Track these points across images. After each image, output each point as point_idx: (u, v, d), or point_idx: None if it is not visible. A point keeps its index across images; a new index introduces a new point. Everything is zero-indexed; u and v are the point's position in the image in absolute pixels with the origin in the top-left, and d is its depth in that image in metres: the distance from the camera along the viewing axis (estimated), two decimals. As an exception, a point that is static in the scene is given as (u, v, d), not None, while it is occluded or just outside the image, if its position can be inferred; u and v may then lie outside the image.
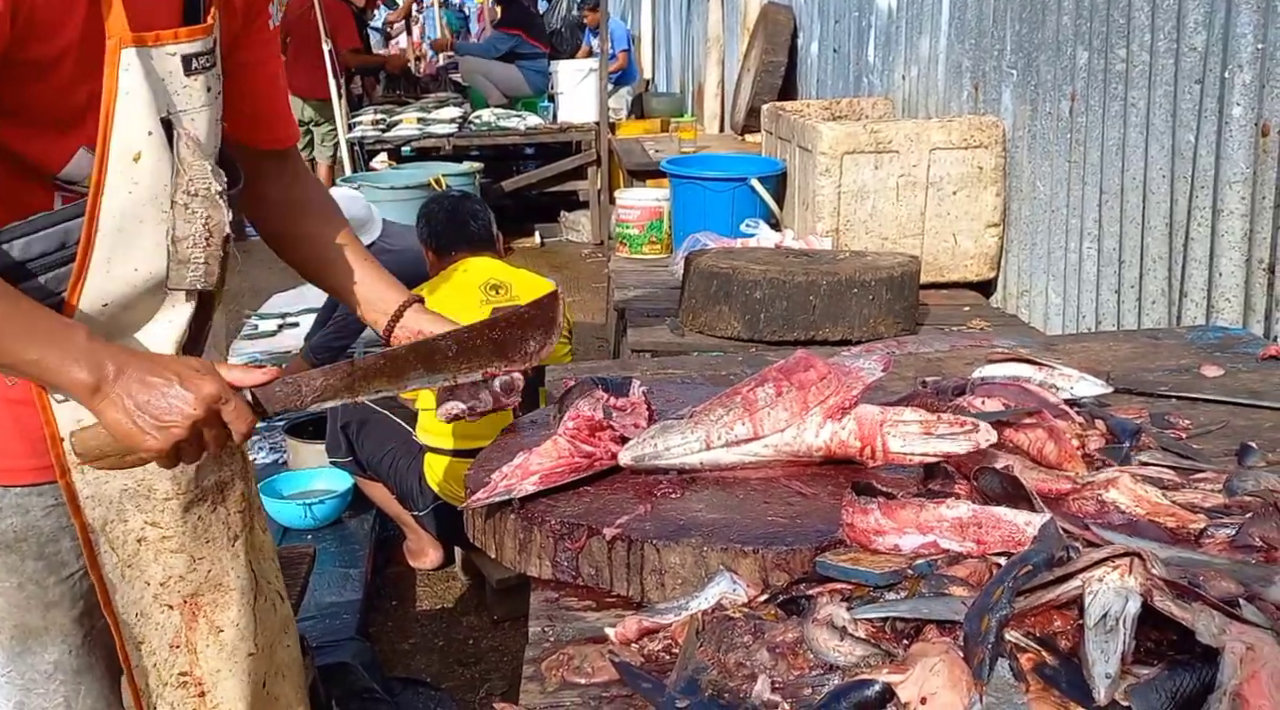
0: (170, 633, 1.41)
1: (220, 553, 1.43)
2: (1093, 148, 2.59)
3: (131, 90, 1.20)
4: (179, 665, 1.42)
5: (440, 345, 1.25)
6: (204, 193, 1.27)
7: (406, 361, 1.24)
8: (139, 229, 1.24)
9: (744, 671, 0.91)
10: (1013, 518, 1.01)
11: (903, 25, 3.93)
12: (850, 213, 3.10)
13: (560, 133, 7.77)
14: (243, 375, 1.21)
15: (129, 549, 1.36)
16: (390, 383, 1.24)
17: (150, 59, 1.21)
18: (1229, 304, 2.12)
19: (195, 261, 1.28)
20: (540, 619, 1.08)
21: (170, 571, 1.39)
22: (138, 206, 1.24)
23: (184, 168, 1.25)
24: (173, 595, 1.40)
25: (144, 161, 1.22)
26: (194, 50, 1.26)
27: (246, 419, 1.19)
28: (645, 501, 1.16)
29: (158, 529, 1.37)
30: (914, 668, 0.83)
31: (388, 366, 1.23)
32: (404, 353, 1.25)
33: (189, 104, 1.27)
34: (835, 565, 1.01)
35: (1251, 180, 2.06)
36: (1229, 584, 0.92)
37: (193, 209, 1.26)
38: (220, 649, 1.44)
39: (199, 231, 1.28)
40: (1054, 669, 0.85)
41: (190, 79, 1.26)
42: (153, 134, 1.23)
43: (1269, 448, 1.38)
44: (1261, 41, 2.00)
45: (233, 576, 1.44)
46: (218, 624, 1.44)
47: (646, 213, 3.91)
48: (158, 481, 1.35)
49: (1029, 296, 2.99)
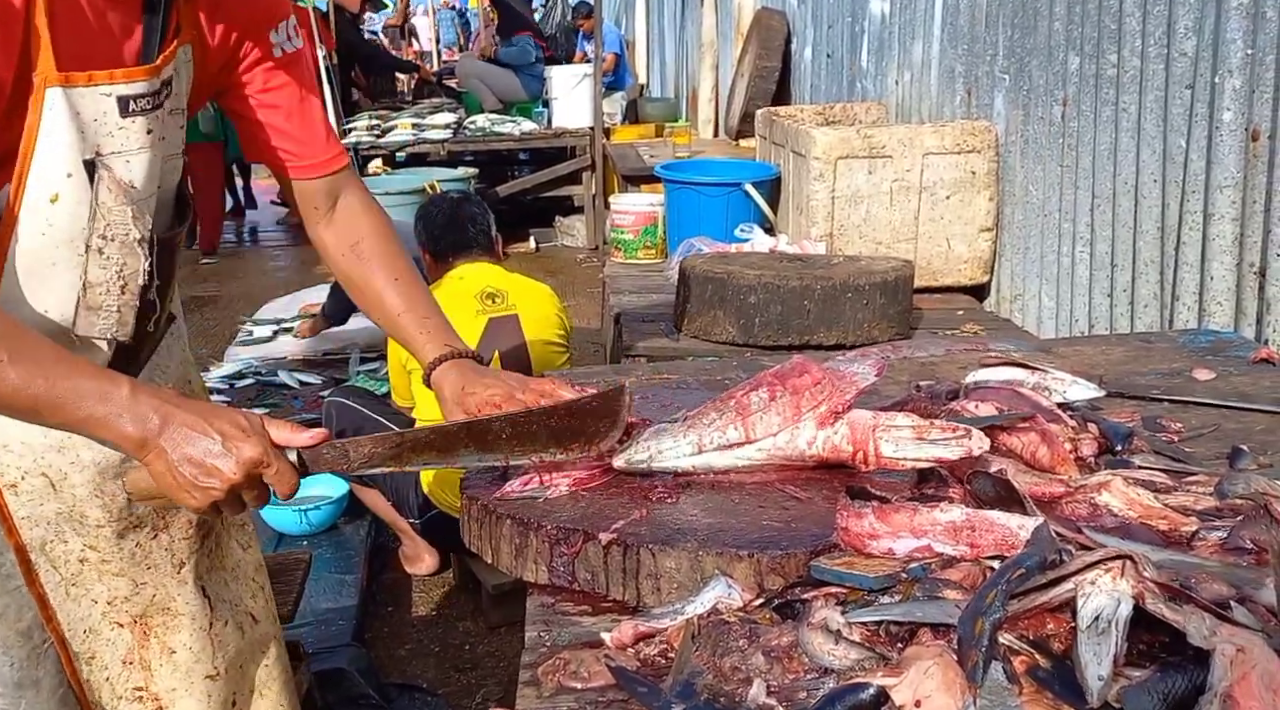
0: (122, 649, 1.40)
1: (164, 579, 1.41)
2: (1085, 152, 2.60)
3: (54, 130, 1.17)
4: (133, 680, 1.41)
5: (494, 427, 1.21)
6: (121, 239, 1.23)
7: (458, 439, 1.20)
8: (51, 272, 1.21)
9: (739, 675, 0.92)
10: (1006, 521, 1.02)
11: (895, 30, 3.94)
12: (844, 217, 3.11)
13: (555, 138, 7.78)
14: (291, 436, 1.17)
15: (72, 568, 1.35)
16: (440, 457, 1.21)
17: (79, 99, 1.18)
18: (1220, 307, 2.14)
19: (107, 309, 1.24)
20: (536, 624, 1.08)
21: (115, 592, 1.38)
22: (51, 249, 1.21)
23: (102, 212, 1.21)
24: (121, 614, 1.39)
25: (61, 203, 1.19)
26: (134, 92, 1.22)
27: (289, 482, 1.15)
28: (641, 506, 1.17)
29: (96, 552, 1.36)
30: (908, 671, 0.83)
31: (438, 442, 1.20)
32: (457, 430, 1.22)
33: (124, 146, 1.23)
34: (830, 569, 1.01)
35: (1242, 185, 2.07)
36: (1220, 586, 0.93)
37: (108, 255, 1.23)
38: (174, 669, 1.43)
39: (112, 278, 1.24)
40: (1047, 671, 0.86)
41: (126, 120, 1.22)
42: (73, 176, 1.19)
43: (1260, 450, 1.39)
44: (1251, 47, 2.02)
45: (180, 602, 1.42)
46: (169, 645, 1.42)
47: (641, 218, 3.92)
48: (88, 508, 1.34)
49: (1022, 300, 3.00)
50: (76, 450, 1.32)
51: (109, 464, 1.33)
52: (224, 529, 1.53)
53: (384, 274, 1.49)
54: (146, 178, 1.26)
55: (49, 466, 1.32)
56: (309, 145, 1.47)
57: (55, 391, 1.09)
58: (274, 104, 1.43)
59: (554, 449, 1.21)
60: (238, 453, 1.11)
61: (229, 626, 1.49)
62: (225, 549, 1.54)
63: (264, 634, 1.56)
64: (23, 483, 1.31)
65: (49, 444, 1.30)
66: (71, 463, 1.32)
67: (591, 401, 1.22)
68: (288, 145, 1.46)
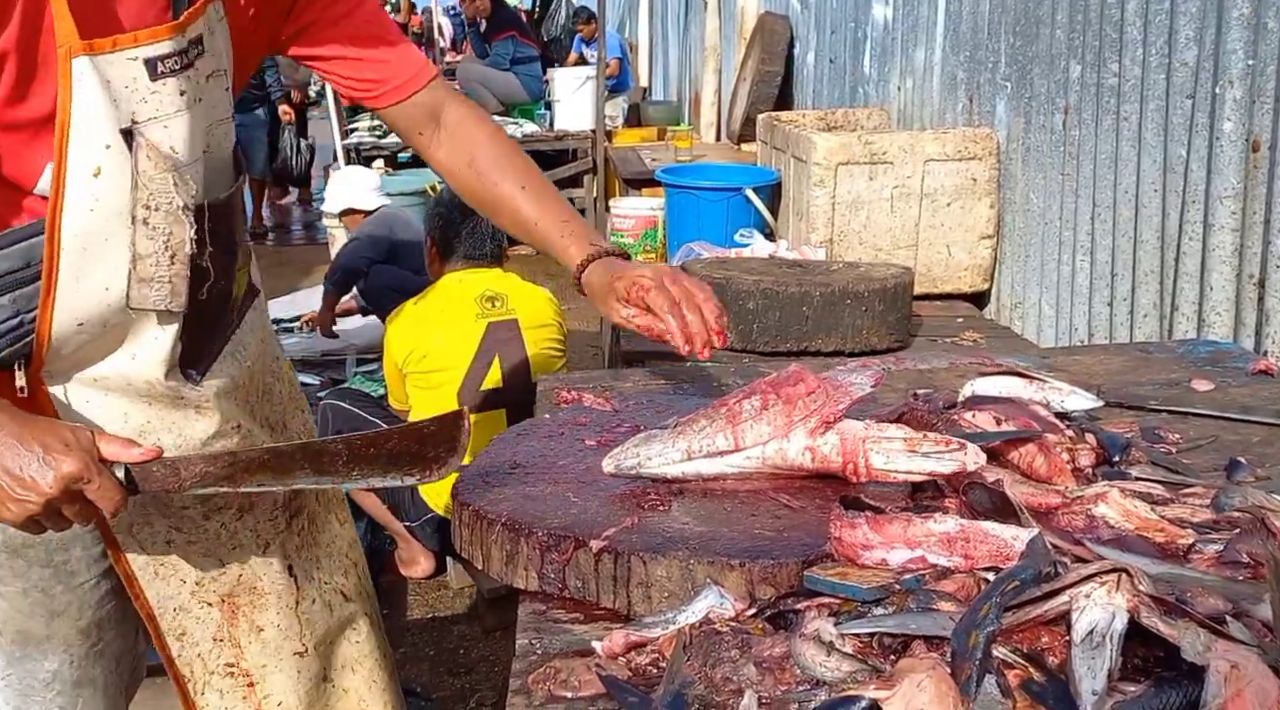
0: (212, 627, 1.41)
1: (250, 558, 1.42)
2: (1085, 161, 2.59)
3: (86, 102, 1.14)
4: (225, 657, 1.42)
5: (330, 448, 1.18)
6: (165, 207, 1.21)
7: (293, 460, 1.18)
8: (105, 247, 1.20)
9: (730, 686, 0.91)
10: (1000, 532, 1.01)
11: (898, 36, 3.94)
12: (844, 224, 3.10)
13: (557, 140, 7.78)
14: (119, 450, 1.14)
15: (159, 549, 1.36)
16: (274, 478, 1.18)
17: (107, 67, 1.14)
18: (1220, 318, 2.13)
19: (159, 280, 1.23)
20: (528, 631, 1.07)
21: (203, 572, 1.39)
22: (101, 223, 1.19)
23: (143, 182, 1.19)
24: (209, 593, 1.40)
25: (104, 177, 1.17)
26: (159, 52, 1.18)
27: (112, 498, 1.12)
28: (632, 513, 1.16)
29: (182, 533, 1.37)
30: (901, 684, 0.83)
31: (272, 463, 1.18)
32: (291, 452, 1.19)
33: (159, 111, 1.19)
34: (823, 579, 1.01)
35: (1242, 195, 2.06)
36: (1216, 600, 0.93)
37: (153, 225, 1.21)
38: (263, 646, 1.44)
39: (160, 249, 1.22)
40: (1041, 685, 0.85)
41: (157, 84, 1.18)
42: (111, 147, 1.17)
43: (1258, 463, 1.38)
44: (1252, 58, 2.01)
45: (266, 581, 1.43)
46: (258, 623, 1.43)
47: (641, 222, 3.92)
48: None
49: (1022, 308, 3.00)
50: (157, 434, 1.32)
51: (190, 448, 1.33)
52: (321, 506, 1.53)
53: (509, 184, 1.45)
54: (188, 142, 1.23)
55: None
56: (389, 67, 1.42)
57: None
58: (342, 38, 1.39)
59: (391, 473, 1.18)
60: (56, 467, 1.08)
61: (317, 605, 1.49)
62: (320, 525, 1.54)
63: (354, 611, 1.55)
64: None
65: (130, 430, 1.29)
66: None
67: (428, 425, 1.18)
68: (369, 74, 1.41)
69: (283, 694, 1.45)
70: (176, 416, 1.33)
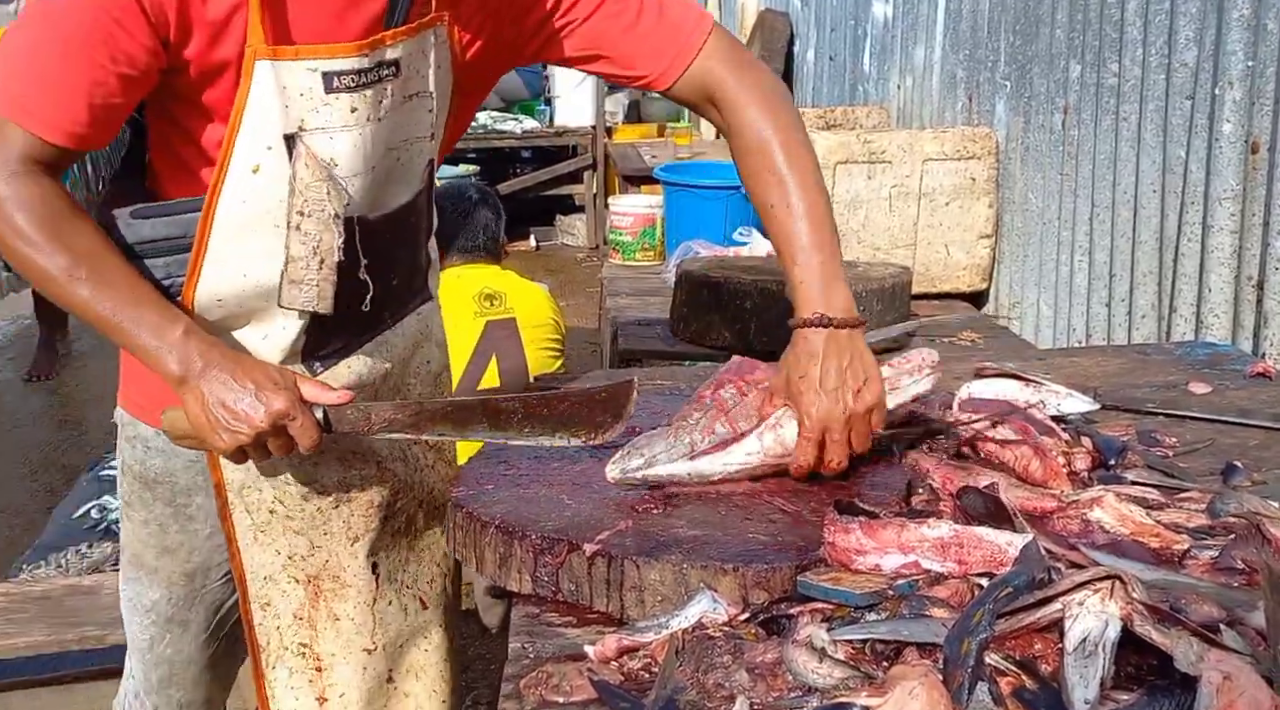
0: (295, 604, 1.45)
1: (338, 547, 1.45)
2: (1084, 161, 2.59)
3: (259, 103, 1.20)
4: (300, 636, 1.46)
5: (507, 407, 1.28)
6: (317, 214, 1.27)
7: (473, 415, 1.28)
8: (250, 238, 1.27)
9: (722, 692, 0.91)
10: (994, 538, 1.01)
11: (898, 34, 3.93)
12: (843, 223, 3.10)
13: (556, 136, 7.77)
14: (319, 393, 1.25)
15: (263, 516, 1.41)
16: (454, 429, 1.29)
17: (286, 73, 1.20)
18: (1218, 320, 2.13)
19: (308, 283, 1.30)
20: (520, 635, 1.07)
21: (295, 549, 1.43)
22: (250, 218, 1.26)
23: (299, 188, 1.25)
24: (298, 571, 1.44)
25: (261, 175, 1.24)
26: (338, 68, 1.22)
27: (311, 436, 1.23)
28: (626, 517, 1.16)
29: (283, 506, 1.41)
30: (893, 691, 0.82)
31: (454, 415, 1.28)
32: (474, 406, 1.29)
33: (327, 122, 1.24)
34: (816, 585, 1.01)
35: (1241, 197, 2.06)
36: (1210, 608, 0.92)
37: (305, 230, 1.28)
38: (337, 635, 1.47)
39: (309, 254, 1.29)
40: (1033, 693, 0.85)
41: (330, 97, 1.23)
42: (273, 149, 1.23)
43: (1254, 467, 1.38)
44: (1251, 59, 2.01)
45: (349, 573, 1.46)
46: (335, 612, 1.47)
47: (640, 220, 3.91)
48: (281, 463, 1.39)
49: (1020, 308, 2.99)
50: None
51: None
52: (423, 511, 1.56)
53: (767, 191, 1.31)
54: (350, 157, 1.27)
55: None
56: (646, 57, 1.36)
57: (117, 316, 1.20)
58: (589, 41, 1.36)
59: (560, 433, 1.27)
60: (267, 403, 1.20)
61: (393, 606, 1.52)
62: (419, 530, 1.56)
63: (428, 620, 1.57)
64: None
65: None
66: None
67: (601, 393, 1.28)
68: (628, 70, 1.38)
69: (346, 686, 1.48)
70: None
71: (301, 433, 1.22)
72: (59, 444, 4.62)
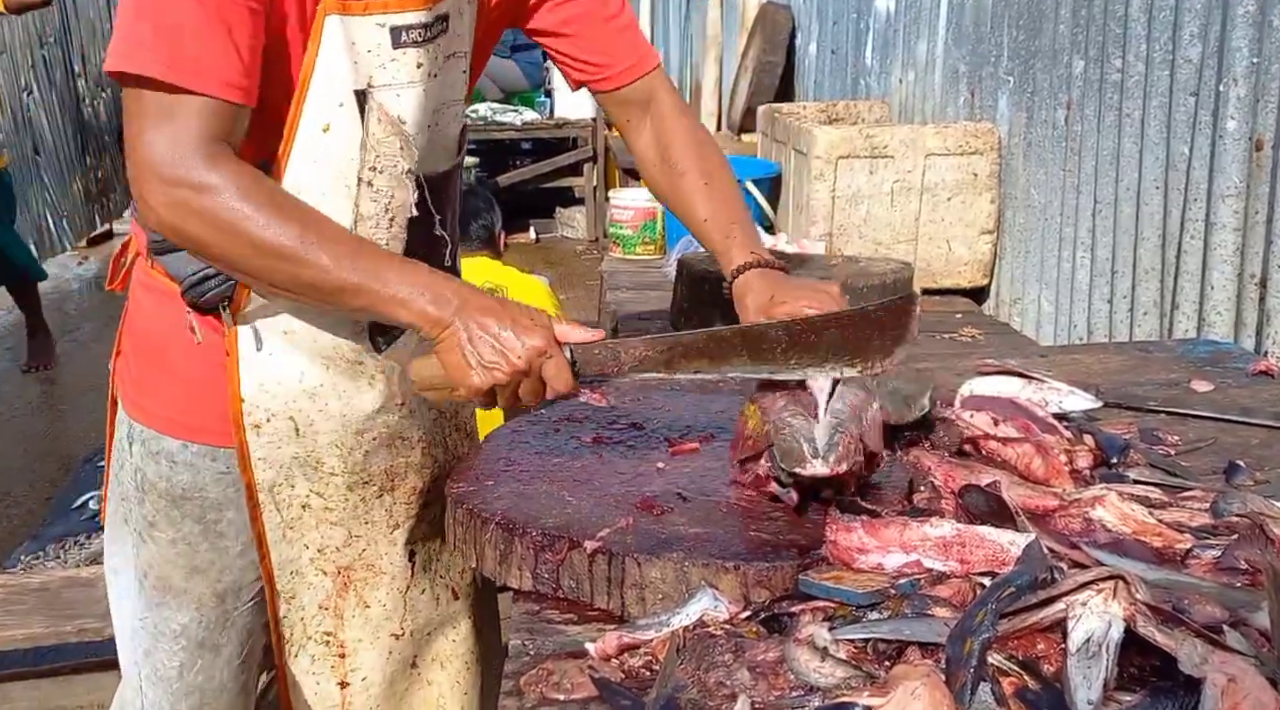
0: (321, 595, 1.43)
1: (378, 536, 1.44)
2: (1087, 157, 2.58)
3: (330, 59, 1.19)
4: (325, 625, 1.44)
5: (770, 334, 1.16)
6: (390, 171, 1.25)
7: (731, 345, 1.15)
8: (320, 200, 1.23)
9: (724, 691, 0.91)
10: (996, 537, 1.01)
11: (900, 29, 3.92)
12: (844, 217, 3.09)
13: (556, 128, 7.75)
14: (568, 330, 1.19)
15: (293, 512, 1.38)
16: (711, 365, 1.16)
17: (356, 28, 1.18)
18: (1220, 318, 2.12)
19: (377, 242, 1.26)
20: (520, 632, 1.07)
21: (328, 541, 1.41)
22: (321, 178, 1.23)
23: (372, 144, 1.23)
24: (328, 563, 1.42)
25: (332, 133, 1.21)
26: (405, 22, 1.21)
27: (565, 379, 1.16)
28: (627, 514, 1.15)
29: (321, 499, 1.39)
30: (895, 691, 0.82)
31: (711, 347, 1.16)
32: (730, 335, 1.17)
33: (395, 78, 1.23)
34: (818, 583, 1.00)
35: (1244, 194, 2.05)
36: (1214, 608, 0.92)
37: (378, 187, 1.25)
38: (365, 622, 1.46)
39: (381, 212, 1.26)
40: (1036, 694, 0.84)
41: (398, 52, 1.22)
42: (344, 106, 1.21)
43: (1257, 466, 1.38)
44: (1256, 56, 2.00)
45: (386, 561, 1.45)
46: (365, 600, 1.45)
47: (640, 213, 3.90)
48: (326, 456, 1.37)
49: (1021, 305, 2.99)
50: (326, 399, 1.35)
51: (354, 417, 1.37)
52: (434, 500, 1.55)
53: (693, 177, 1.45)
54: (416, 114, 1.26)
55: (298, 411, 1.35)
56: (614, 53, 1.45)
57: (358, 273, 1.14)
58: (574, 17, 1.42)
59: (831, 363, 1.14)
60: (525, 339, 1.14)
61: (425, 595, 1.51)
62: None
63: (458, 611, 1.56)
64: (267, 424, 1.34)
65: (303, 389, 1.34)
66: (320, 410, 1.35)
67: (877, 310, 1.14)
68: (594, 58, 1.45)
69: (369, 670, 1.47)
70: (348, 385, 1.36)
71: (556, 374, 1.16)
72: (57, 434, 4.63)
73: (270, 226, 1.13)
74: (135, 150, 1.14)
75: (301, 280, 1.16)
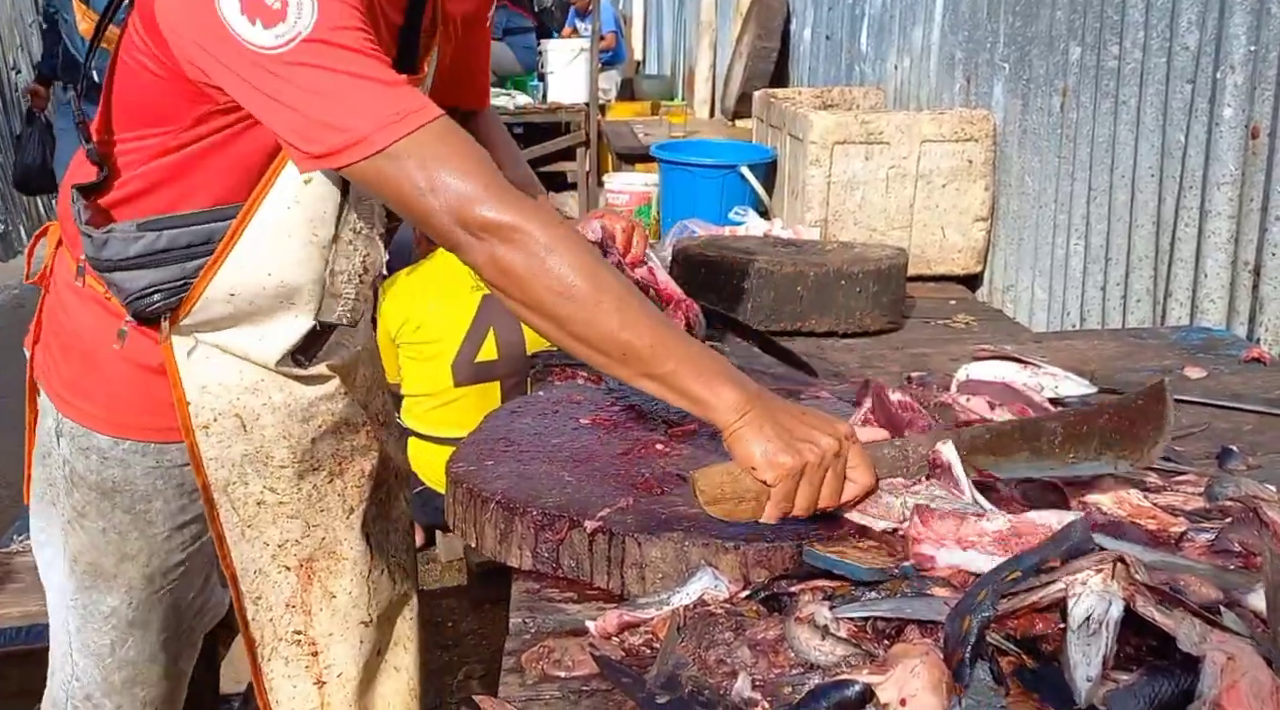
0: (287, 592, 1.46)
1: (334, 522, 1.47)
2: (1083, 144, 2.58)
3: None
4: (294, 624, 1.47)
5: (1047, 428, 1.15)
6: (366, 232, 1.32)
7: (1012, 441, 1.14)
8: (285, 242, 1.29)
9: (724, 668, 0.91)
10: (1049, 520, 1.01)
11: (896, 14, 3.91)
12: (839, 203, 3.09)
13: (549, 113, 7.71)
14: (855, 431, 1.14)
15: (249, 510, 1.41)
16: (994, 460, 1.14)
17: None
18: (1213, 305, 2.13)
19: (345, 297, 1.34)
20: (521, 610, 1.07)
21: (287, 535, 1.44)
22: (292, 223, 1.29)
23: (354, 206, 1.30)
24: (289, 557, 1.45)
25: (312, 186, 1.27)
26: None
27: (869, 468, 1.10)
28: (628, 494, 1.16)
29: (275, 494, 1.42)
30: (894, 669, 0.83)
31: (993, 444, 1.14)
32: (1011, 430, 1.16)
33: None
34: (823, 555, 1.01)
35: (1240, 182, 2.06)
36: (1210, 590, 0.93)
37: (355, 246, 1.32)
38: (333, 614, 1.49)
39: (355, 268, 1.33)
40: (1034, 672, 0.85)
41: None
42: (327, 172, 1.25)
43: (1250, 451, 1.39)
44: (1254, 43, 2.00)
45: (346, 546, 1.48)
46: (331, 590, 1.48)
47: (635, 198, 3.90)
48: (275, 449, 1.40)
49: (1015, 291, 3.00)
50: (269, 392, 1.39)
51: (298, 406, 1.41)
52: (396, 481, 1.60)
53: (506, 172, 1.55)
54: None
55: (243, 407, 1.38)
56: (469, 85, 1.57)
57: (653, 341, 1.09)
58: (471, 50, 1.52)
59: (1106, 455, 1.12)
60: (830, 424, 1.09)
61: (385, 575, 1.55)
62: (391, 500, 1.60)
63: (408, 590, 1.62)
64: (215, 424, 1.38)
65: (244, 385, 1.38)
66: (264, 404, 1.39)
67: (1138, 400, 1.13)
68: (462, 76, 1.53)
69: (344, 664, 1.50)
70: (287, 379, 1.41)
71: (860, 461, 1.09)
72: (48, 415, 4.60)
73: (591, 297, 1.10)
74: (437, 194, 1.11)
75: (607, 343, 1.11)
